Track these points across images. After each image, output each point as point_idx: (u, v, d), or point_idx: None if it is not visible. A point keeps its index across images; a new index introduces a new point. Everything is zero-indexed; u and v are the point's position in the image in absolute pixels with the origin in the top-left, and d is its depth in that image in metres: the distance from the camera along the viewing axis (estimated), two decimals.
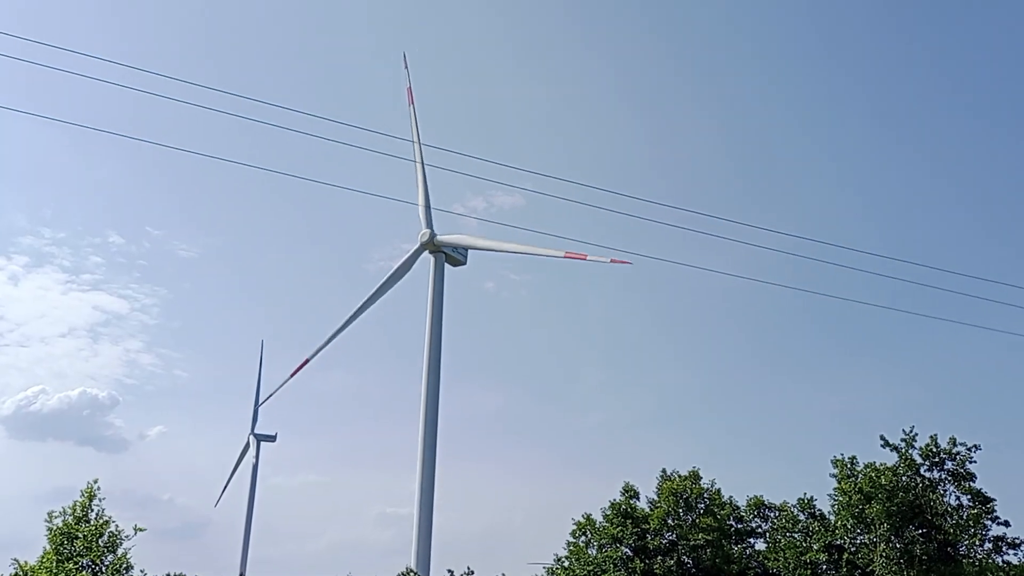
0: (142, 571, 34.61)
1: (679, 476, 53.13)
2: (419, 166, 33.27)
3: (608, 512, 52.48)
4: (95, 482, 34.94)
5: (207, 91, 27.73)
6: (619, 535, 50.82)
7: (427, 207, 32.46)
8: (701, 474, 52.95)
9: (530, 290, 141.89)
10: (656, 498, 52.98)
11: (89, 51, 26.38)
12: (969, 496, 46.32)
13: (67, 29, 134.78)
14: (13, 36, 25.26)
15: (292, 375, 31.00)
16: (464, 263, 32.66)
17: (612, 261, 27.38)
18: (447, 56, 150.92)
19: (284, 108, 29.36)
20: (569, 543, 53.00)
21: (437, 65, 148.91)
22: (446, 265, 31.66)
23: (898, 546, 45.13)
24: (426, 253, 31.68)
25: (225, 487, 78.22)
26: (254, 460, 76.10)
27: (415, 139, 34.43)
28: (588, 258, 27.78)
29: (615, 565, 49.14)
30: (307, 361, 30.82)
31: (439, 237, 31.22)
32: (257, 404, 78.56)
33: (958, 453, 46.86)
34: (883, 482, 45.77)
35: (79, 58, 26.40)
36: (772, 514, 52.15)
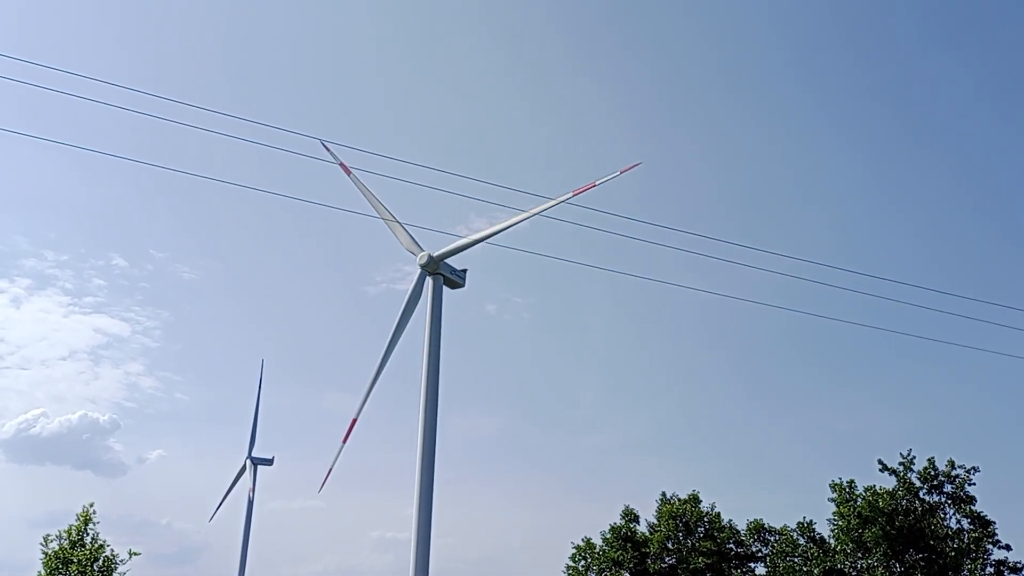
0: None
1: (679, 499, 52.95)
2: (389, 223, 32.16)
3: (608, 536, 52.30)
4: (91, 506, 34.78)
5: (209, 113, 27.88)
6: (619, 559, 50.59)
7: (411, 239, 32.29)
8: (701, 497, 52.95)
9: (532, 312, 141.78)
10: (656, 522, 52.80)
11: (92, 73, 26.58)
12: (969, 519, 46.10)
13: (70, 51, 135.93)
14: (14, 58, 25.48)
15: (344, 441, 30.29)
16: (463, 285, 32.64)
17: (622, 172, 25.90)
18: (447, 80, 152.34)
19: (285, 130, 29.54)
20: (568, 567, 52.76)
21: (437, 88, 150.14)
22: (445, 288, 31.73)
23: (899, 569, 44.88)
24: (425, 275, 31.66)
25: (220, 504, 77.55)
26: (251, 484, 75.58)
27: (372, 202, 32.61)
28: (597, 183, 26.38)
29: None
30: (355, 421, 30.17)
31: (436, 253, 31.29)
32: (254, 432, 77.81)
33: (957, 476, 46.69)
34: (881, 506, 45.58)
35: (82, 80, 26.59)
36: (772, 538, 51.88)
